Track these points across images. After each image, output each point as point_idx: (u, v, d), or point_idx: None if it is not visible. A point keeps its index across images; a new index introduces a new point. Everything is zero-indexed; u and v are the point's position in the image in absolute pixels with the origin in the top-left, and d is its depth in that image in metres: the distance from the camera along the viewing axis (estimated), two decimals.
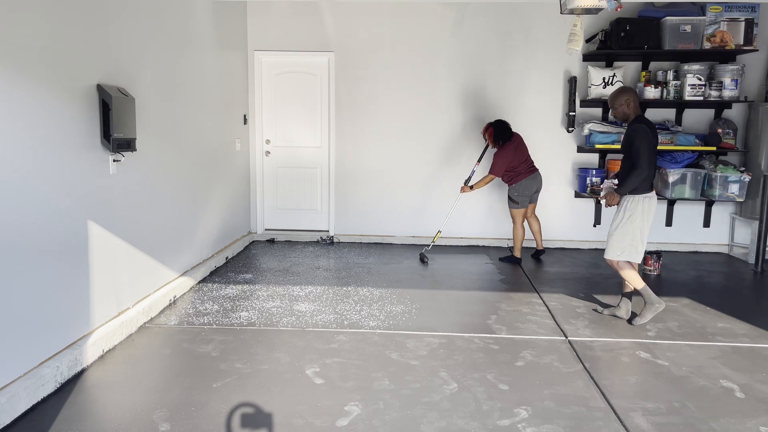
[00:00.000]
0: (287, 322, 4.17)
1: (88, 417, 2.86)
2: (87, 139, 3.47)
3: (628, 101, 4.20)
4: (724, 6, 6.01)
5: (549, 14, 6.42)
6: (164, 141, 4.56)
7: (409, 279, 5.41)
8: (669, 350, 3.77)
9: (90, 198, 3.52)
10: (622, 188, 4.12)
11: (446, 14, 6.62)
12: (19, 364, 2.92)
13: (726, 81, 6.19)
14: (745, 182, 6.22)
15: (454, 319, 4.30)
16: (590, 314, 4.44)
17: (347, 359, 3.54)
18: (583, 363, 3.55)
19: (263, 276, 5.40)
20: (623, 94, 4.21)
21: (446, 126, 6.78)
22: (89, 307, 3.53)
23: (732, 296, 5.12)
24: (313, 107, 6.92)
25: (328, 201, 7.03)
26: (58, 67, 3.19)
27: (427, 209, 6.91)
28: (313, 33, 6.72)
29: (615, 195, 4.19)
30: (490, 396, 3.10)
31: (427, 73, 6.72)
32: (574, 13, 4.14)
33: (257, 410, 2.92)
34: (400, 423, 2.81)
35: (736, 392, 3.20)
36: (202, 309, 4.43)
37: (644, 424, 2.84)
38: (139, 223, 4.15)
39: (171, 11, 4.66)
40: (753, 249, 6.13)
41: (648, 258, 5.70)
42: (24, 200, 2.94)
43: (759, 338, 4.01)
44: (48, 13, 3.10)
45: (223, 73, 5.99)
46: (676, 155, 6.28)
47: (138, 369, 3.40)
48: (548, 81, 6.64)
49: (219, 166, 5.91)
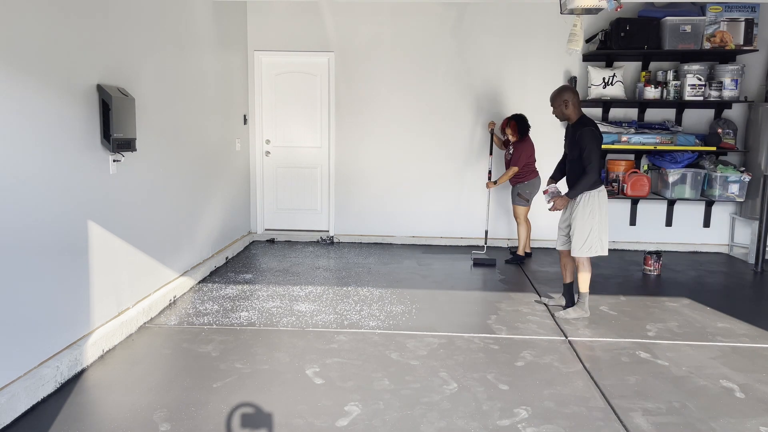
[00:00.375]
0: (287, 322, 4.17)
1: (88, 417, 2.86)
2: (87, 139, 3.47)
3: (567, 101, 4.16)
4: (724, 6, 6.01)
5: (549, 14, 6.42)
6: (164, 141, 4.56)
7: (409, 279, 5.41)
8: (669, 350, 3.77)
9: (90, 198, 3.52)
10: (573, 192, 4.14)
11: (446, 14, 6.62)
12: (19, 364, 2.92)
13: (726, 81, 6.19)
14: (745, 182, 6.22)
15: (454, 319, 4.30)
16: (590, 314, 4.43)
17: (347, 359, 3.54)
18: (583, 363, 3.55)
19: (263, 276, 5.40)
20: (562, 93, 4.18)
21: (446, 126, 6.78)
22: (89, 307, 3.53)
23: (732, 296, 5.12)
24: (313, 107, 6.92)
25: (328, 201, 7.03)
26: (58, 67, 3.19)
27: (427, 209, 6.91)
28: (313, 33, 6.72)
29: (563, 199, 4.21)
30: (490, 396, 3.10)
31: (427, 73, 6.72)
32: (574, 13, 4.14)
33: (257, 410, 2.92)
34: (400, 423, 2.81)
35: (736, 392, 3.20)
36: (202, 309, 4.43)
37: (644, 424, 2.84)
38: (139, 223, 4.15)
39: (171, 11, 4.66)
40: (753, 249, 6.13)
41: (648, 258, 5.70)
42: (24, 200, 2.93)
43: (759, 338, 4.01)
44: (48, 12, 3.10)
45: (223, 73, 5.99)
46: (676, 155, 6.28)
47: (138, 369, 3.39)
48: (548, 81, 6.62)
49: (219, 166, 5.91)
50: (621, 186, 6.45)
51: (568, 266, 4.43)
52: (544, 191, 4.40)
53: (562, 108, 4.20)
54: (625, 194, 6.42)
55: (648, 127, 6.46)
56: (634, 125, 6.46)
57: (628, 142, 6.29)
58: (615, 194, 6.47)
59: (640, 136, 6.30)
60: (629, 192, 6.36)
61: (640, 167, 6.59)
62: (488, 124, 6.15)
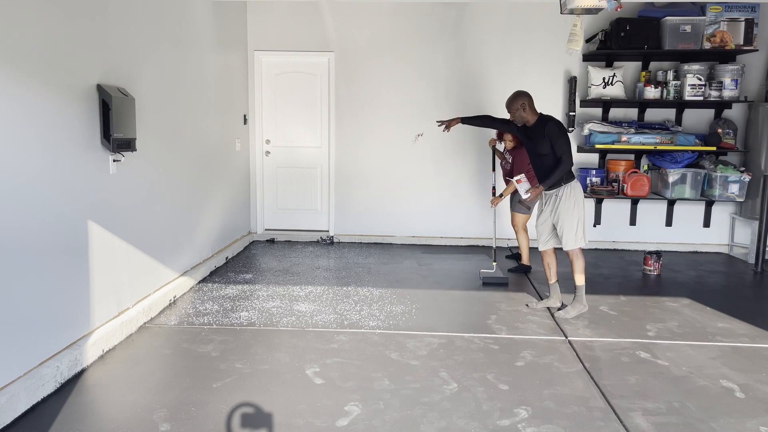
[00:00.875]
0: (287, 322, 4.17)
1: (88, 417, 2.86)
2: (87, 139, 3.47)
3: (524, 105, 4.36)
4: (724, 6, 6.01)
5: (549, 14, 6.42)
6: (164, 141, 4.56)
7: (409, 279, 5.41)
8: (669, 350, 3.77)
9: (90, 198, 3.52)
10: (549, 181, 4.29)
11: (446, 14, 6.62)
12: (19, 364, 2.92)
13: (726, 81, 6.19)
14: (745, 182, 6.22)
15: (454, 319, 4.30)
16: (590, 314, 4.44)
17: (347, 359, 3.54)
18: (583, 363, 3.55)
19: (263, 276, 5.40)
20: (517, 99, 4.38)
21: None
22: (89, 307, 3.53)
23: (732, 296, 5.12)
24: (313, 107, 6.92)
25: (328, 201, 7.03)
26: (58, 67, 3.20)
27: (427, 209, 6.91)
28: (313, 33, 6.72)
29: (537, 189, 4.41)
30: (490, 396, 3.10)
31: (427, 73, 6.72)
32: (574, 13, 4.14)
33: (257, 410, 2.92)
34: (400, 423, 2.81)
35: (736, 392, 3.20)
36: (202, 309, 4.43)
37: (644, 424, 2.84)
38: (139, 223, 4.15)
39: (171, 11, 4.66)
40: (753, 249, 6.13)
41: (648, 258, 5.70)
42: (24, 200, 2.93)
43: (759, 338, 4.01)
44: (48, 12, 3.10)
45: (223, 73, 5.99)
46: (676, 155, 6.28)
47: (138, 369, 3.40)
48: (548, 81, 6.64)
49: (219, 166, 5.91)
50: (621, 186, 6.45)
51: (552, 265, 4.53)
52: (517, 180, 4.55)
53: (520, 112, 4.39)
54: (625, 194, 6.42)
55: (648, 127, 6.46)
56: (634, 125, 6.46)
57: (628, 142, 6.29)
58: (615, 194, 6.47)
59: (640, 136, 6.30)
60: (629, 192, 6.36)
61: (640, 167, 6.59)
62: (489, 142, 6.01)
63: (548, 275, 4.56)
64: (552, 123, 4.30)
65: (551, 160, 4.31)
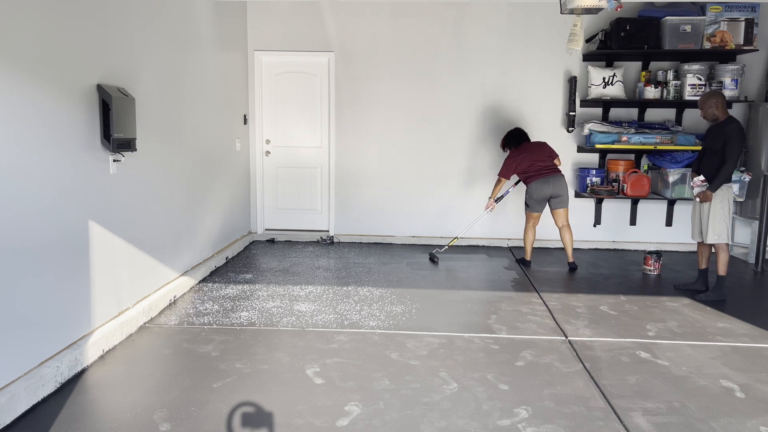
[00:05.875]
0: (287, 322, 4.18)
1: (88, 417, 2.86)
2: (87, 139, 3.48)
3: (716, 103, 4.78)
4: (724, 6, 6.01)
5: (549, 14, 6.42)
6: (164, 141, 4.56)
7: (409, 279, 5.41)
8: (669, 350, 3.77)
9: (90, 198, 3.52)
10: (715, 184, 4.70)
11: (446, 14, 6.62)
12: (20, 364, 2.92)
13: (726, 81, 6.19)
14: (745, 182, 6.22)
15: (454, 319, 4.30)
16: (590, 314, 4.44)
17: (347, 359, 3.54)
18: (583, 363, 3.55)
19: (263, 276, 5.40)
20: (711, 98, 4.79)
21: (446, 126, 6.78)
22: (89, 307, 3.54)
23: (732, 296, 5.12)
24: (313, 107, 6.92)
25: (328, 201, 7.03)
26: (57, 67, 3.20)
27: (427, 209, 6.91)
28: (313, 33, 6.72)
29: (707, 194, 4.76)
30: (490, 396, 3.10)
31: (427, 73, 6.72)
32: (574, 13, 4.15)
33: (257, 410, 2.92)
34: (400, 423, 2.81)
35: (736, 392, 3.20)
36: (202, 309, 4.43)
37: (644, 424, 2.85)
38: (139, 223, 4.15)
39: (171, 11, 4.66)
40: (753, 249, 6.13)
41: (648, 258, 5.70)
42: (24, 200, 2.93)
43: (759, 338, 4.01)
44: (48, 12, 3.10)
45: (223, 73, 5.99)
46: (676, 155, 6.28)
47: (138, 369, 3.40)
48: (548, 81, 6.64)
49: (219, 166, 5.91)
50: (621, 186, 6.45)
51: (705, 253, 5.03)
52: (693, 184, 4.87)
53: (712, 109, 4.79)
54: (625, 194, 6.42)
55: (648, 126, 6.46)
56: (635, 125, 6.46)
57: (628, 142, 6.29)
58: (615, 194, 6.47)
59: (640, 136, 6.30)
60: (629, 192, 6.36)
61: (640, 167, 6.59)
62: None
63: (699, 261, 5.08)
64: (734, 125, 4.69)
65: (716, 159, 4.70)
